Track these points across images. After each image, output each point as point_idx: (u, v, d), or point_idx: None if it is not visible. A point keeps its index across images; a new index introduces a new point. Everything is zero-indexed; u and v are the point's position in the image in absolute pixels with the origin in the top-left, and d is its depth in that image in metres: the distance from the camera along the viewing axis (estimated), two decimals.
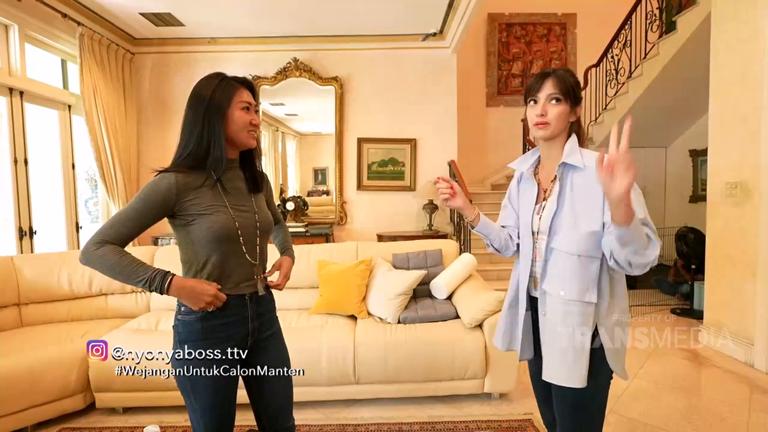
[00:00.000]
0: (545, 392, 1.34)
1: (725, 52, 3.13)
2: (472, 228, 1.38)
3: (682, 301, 4.33)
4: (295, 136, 5.45)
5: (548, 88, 1.19)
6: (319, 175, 5.33)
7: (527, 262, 1.28)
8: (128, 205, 1.16)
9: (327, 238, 4.58)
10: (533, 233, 1.27)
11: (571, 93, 1.18)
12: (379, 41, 4.79)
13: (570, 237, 1.15)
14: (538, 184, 1.30)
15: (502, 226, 1.42)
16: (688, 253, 4.19)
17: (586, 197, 1.15)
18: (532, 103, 1.23)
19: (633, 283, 4.91)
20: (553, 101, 1.18)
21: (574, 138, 1.22)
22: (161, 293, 1.12)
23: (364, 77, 4.91)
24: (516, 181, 1.39)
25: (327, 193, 5.26)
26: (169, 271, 1.14)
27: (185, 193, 1.17)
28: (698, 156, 5.31)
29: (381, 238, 4.62)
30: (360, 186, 5.01)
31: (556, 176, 1.22)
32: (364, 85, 4.91)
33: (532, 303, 1.30)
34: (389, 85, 4.91)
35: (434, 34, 4.69)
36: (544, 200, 1.25)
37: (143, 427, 2.23)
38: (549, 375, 1.22)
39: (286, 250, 1.55)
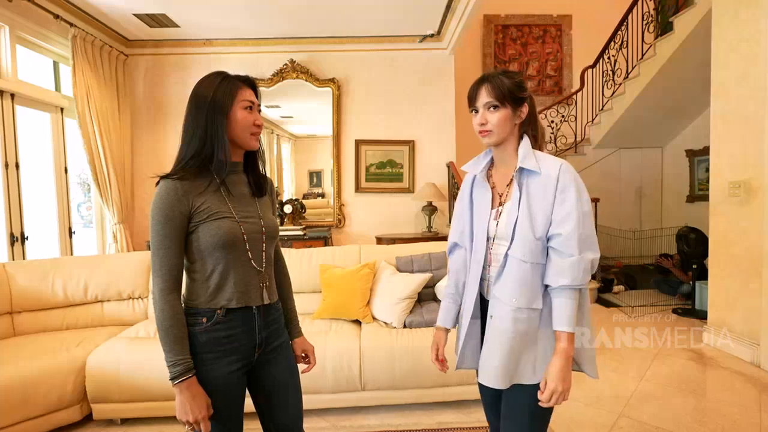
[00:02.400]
0: (493, 398, 1.31)
1: (726, 52, 3.13)
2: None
3: (683, 301, 4.33)
4: (290, 139, 5.38)
5: (484, 96, 1.18)
6: (314, 177, 5.27)
7: (478, 267, 1.24)
8: (153, 236, 1.10)
9: (326, 241, 4.52)
10: (488, 239, 1.23)
11: (508, 97, 1.17)
12: (376, 42, 4.75)
13: (525, 245, 1.13)
14: (492, 188, 1.26)
15: (455, 243, 1.38)
16: (690, 252, 4.19)
17: (539, 203, 1.14)
18: (473, 112, 1.23)
19: (633, 284, 4.92)
20: (491, 108, 1.18)
21: (526, 140, 1.20)
22: (172, 382, 1.09)
23: (361, 79, 4.87)
24: (469, 186, 1.34)
25: (322, 195, 5.21)
26: (193, 369, 1.11)
27: (191, 198, 1.12)
28: (695, 156, 5.33)
29: (380, 240, 4.58)
30: (358, 188, 4.96)
31: (512, 180, 1.20)
32: (362, 86, 4.87)
33: (482, 306, 1.26)
34: (387, 87, 4.88)
35: (432, 36, 4.66)
36: (500, 205, 1.22)
37: None
38: (487, 379, 1.18)
39: (296, 326, 1.44)
